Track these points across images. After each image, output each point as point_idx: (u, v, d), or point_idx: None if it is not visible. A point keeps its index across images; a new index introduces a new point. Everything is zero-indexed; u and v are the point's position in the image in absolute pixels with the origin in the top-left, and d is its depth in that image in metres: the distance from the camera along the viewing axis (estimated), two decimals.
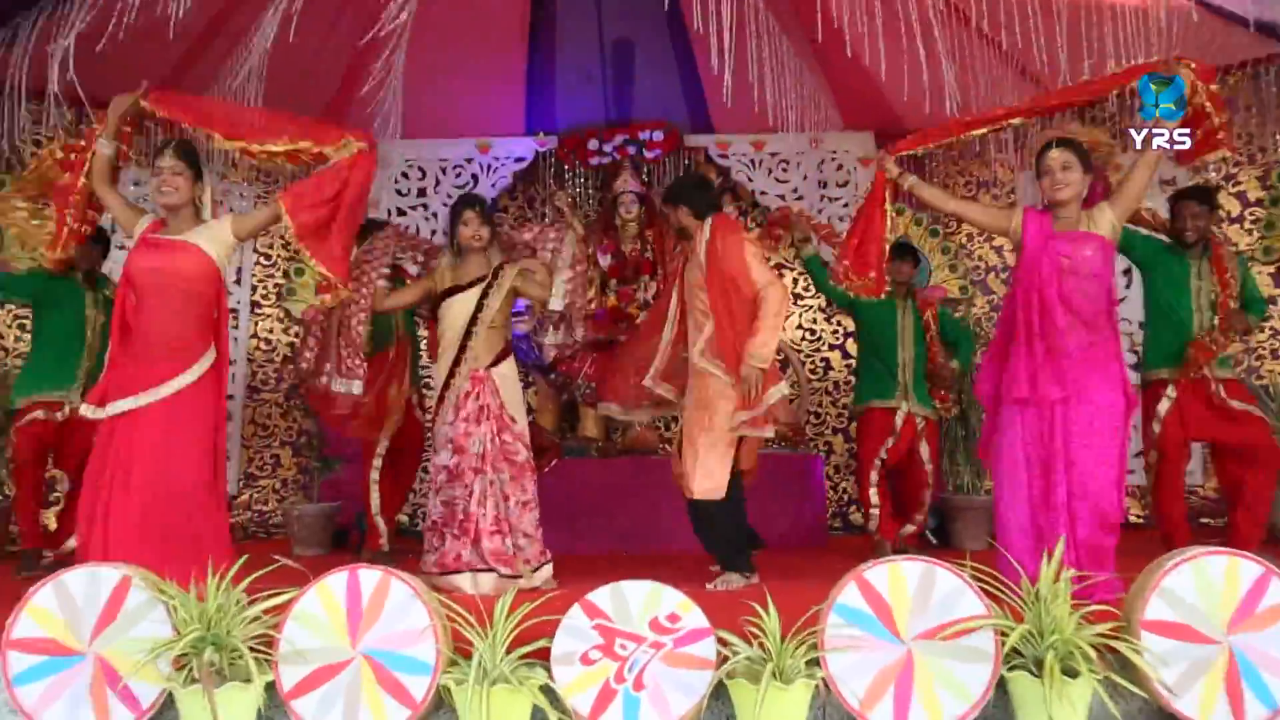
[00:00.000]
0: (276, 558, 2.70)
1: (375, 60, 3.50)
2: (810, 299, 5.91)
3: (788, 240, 4.36)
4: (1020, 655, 2.41)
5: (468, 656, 2.42)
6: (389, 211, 5.72)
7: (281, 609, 2.48)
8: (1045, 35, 3.27)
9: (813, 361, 5.88)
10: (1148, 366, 3.83)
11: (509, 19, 5.21)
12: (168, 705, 2.47)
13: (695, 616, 2.45)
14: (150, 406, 2.90)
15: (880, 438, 4.23)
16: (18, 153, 4.12)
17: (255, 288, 5.76)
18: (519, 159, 5.80)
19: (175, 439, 2.91)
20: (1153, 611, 2.43)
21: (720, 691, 2.44)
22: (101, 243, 4.03)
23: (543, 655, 2.45)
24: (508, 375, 3.55)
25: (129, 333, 2.97)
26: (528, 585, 3.28)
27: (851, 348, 5.70)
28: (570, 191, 5.76)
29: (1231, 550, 2.52)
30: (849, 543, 4.91)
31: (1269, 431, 3.64)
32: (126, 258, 3.03)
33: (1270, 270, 4.78)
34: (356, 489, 4.35)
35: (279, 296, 5.75)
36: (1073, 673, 2.33)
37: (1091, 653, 2.34)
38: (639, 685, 2.40)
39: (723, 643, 2.44)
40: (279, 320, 5.70)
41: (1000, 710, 2.46)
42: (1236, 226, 4.87)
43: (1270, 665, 2.39)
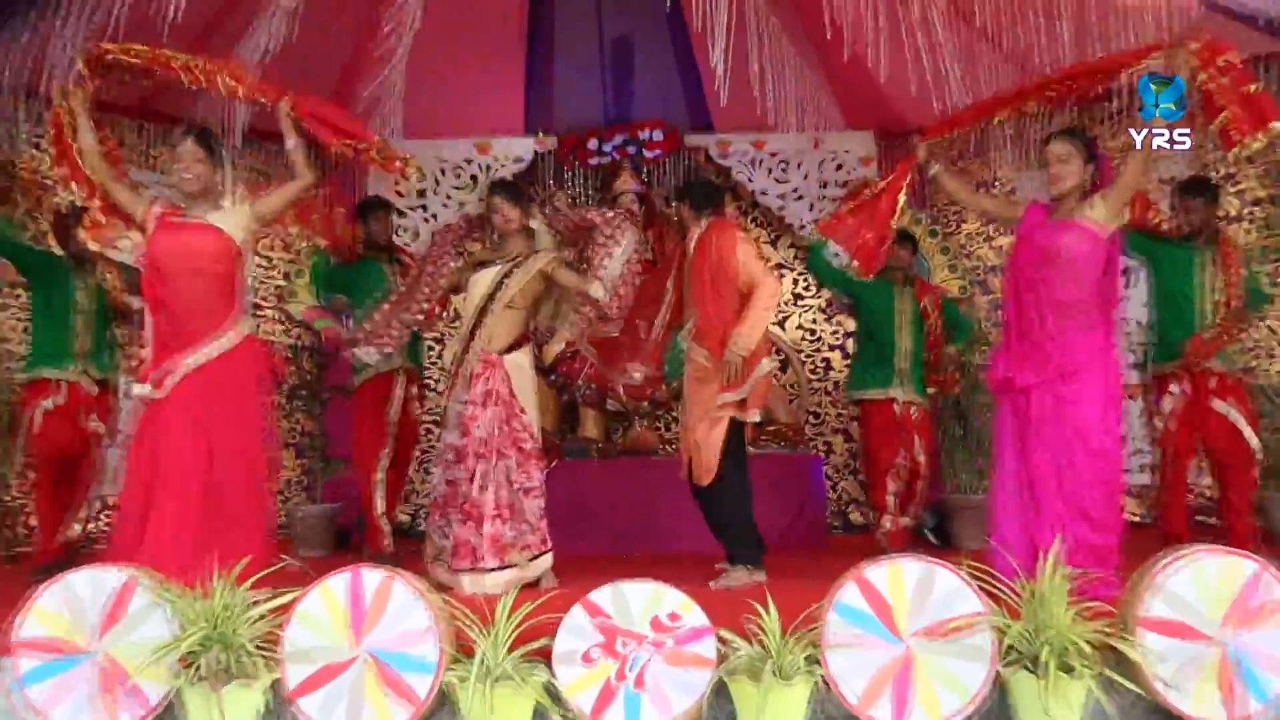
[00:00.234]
0: (282, 557, 2.73)
1: (373, 60, 3.52)
2: (810, 299, 5.92)
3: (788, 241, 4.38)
4: (1018, 653, 2.43)
5: (470, 655, 2.44)
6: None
7: (285, 609, 2.50)
8: (1048, 34, 3.29)
9: (813, 362, 5.89)
10: (1156, 360, 3.81)
11: (508, 18, 5.21)
12: (174, 704, 2.49)
13: (696, 615, 2.47)
14: (186, 380, 2.96)
15: (889, 436, 4.22)
16: (17, 152, 4.12)
17: (256, 289, 5.77)
18: (518, 159, 5.76)
19: (227, 413, 2.98)
20: (1149, 609, 2.45)
21: (721, 690, 2.46)
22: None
23: (544, 654, 2.47)
24: (520, 364, 3.53)
25: (164, 312, 3.03)
26: (525, 576, 3.31)
27: (851, 347, 5.72)
28: (570, 191, 5.78)
29: (1227, 548, 2.55)
30: (849, 542, 4.93)
31: (1239, 436, 3.64)
32: (147, 241, 3.08)
33: (1270, 269, 4.79)
34: (358, 490, 4.38)
35: (279, 299, 5.76)
36: (1070, 670, 2.34)
37: (1088, 650, 2.36)
38: (640, 684, 2.42)
39: (723, 641, 2.46)
40: (279, 322, 5.71)
41: (998, 707, 2.48)
42: (1237, 225, 4.87)
43: (1265, 661, 2.41)
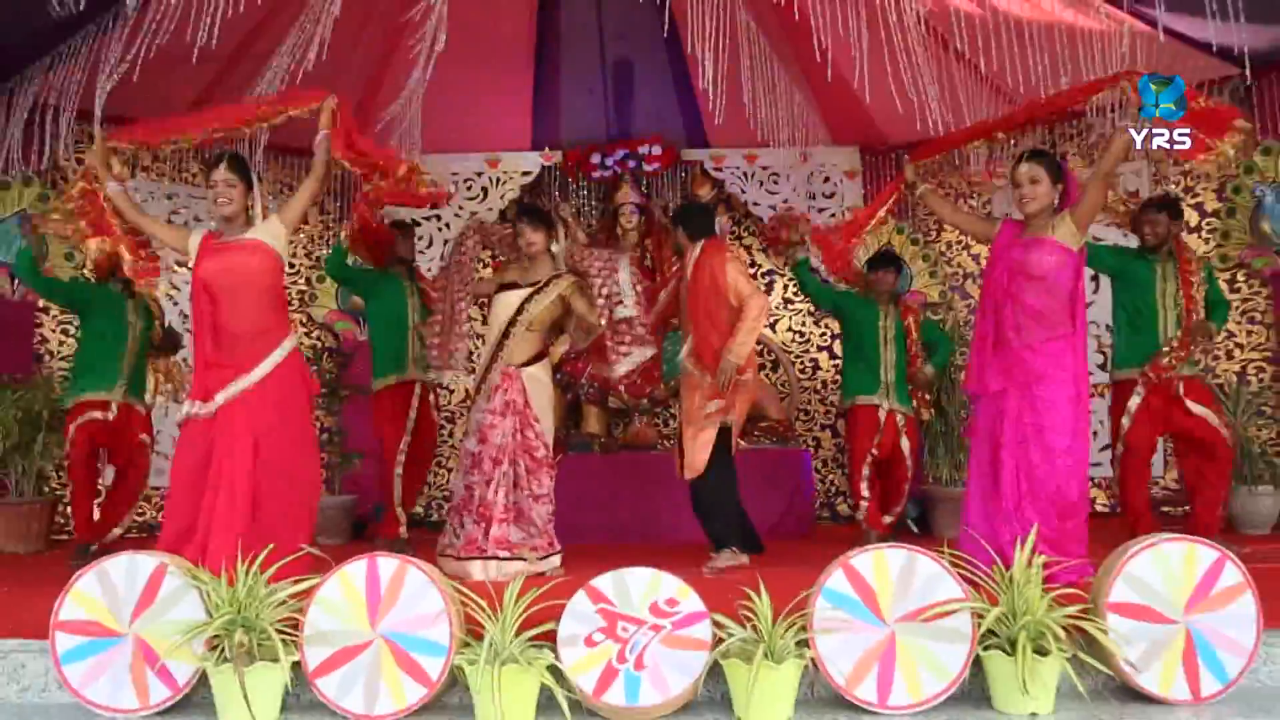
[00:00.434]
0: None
1: (392, 82, 3.67)
2: (800, 303, 6.09)
3: (795, 239, 4.54)
4: (995, 635, 2.55)
5: (479, 638, 2.53)
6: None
7: (306, 594, 2.61)
8: (1019, 58, 3.46)
9: (802, 362, 6.06)
10: (1117, 366, 3.97)
11: (517, 41, 5.40)
12: (201, 683, 2.62)
13: (692, 601, 2.58)
14: (242, 396, 3.05)
15: (869, 435, 4.39)
16: (61, 171, 4.30)
17: None
18: (525, 173, 5.99)
19: (274, 421, 3.07)
20: (1117, 594, 2.57)
21: (715, 671, 2.57)
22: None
23: (549, 637, 2.57)
24: (537, 377, 3.73)
25: (214, 333, 3.10)
26: (532, 570, 3.44)
27: (838, 349, 5.87)
28: (574, 203, 5.96)
29: (1189, 537, 2.69)
30: (836, 531, 5.08)
31: (1218, 429, 3.78)
32: (195, 267, 3.15)
33: (1225, 277, 4.95)
34: (375, 483, 4.52)
35: (302, 302, 5.91)
36: (1043, 651, 2.46)
37: (1061, 633, 2.47)
38: (639, 665, 2.52)
39: (718, 625, 2.57)
40: (302, 324, 5.86)
41: (976, 687, 2.61)
42: (1195, 236, 5.03)
43: (1224, 643, 2.54)
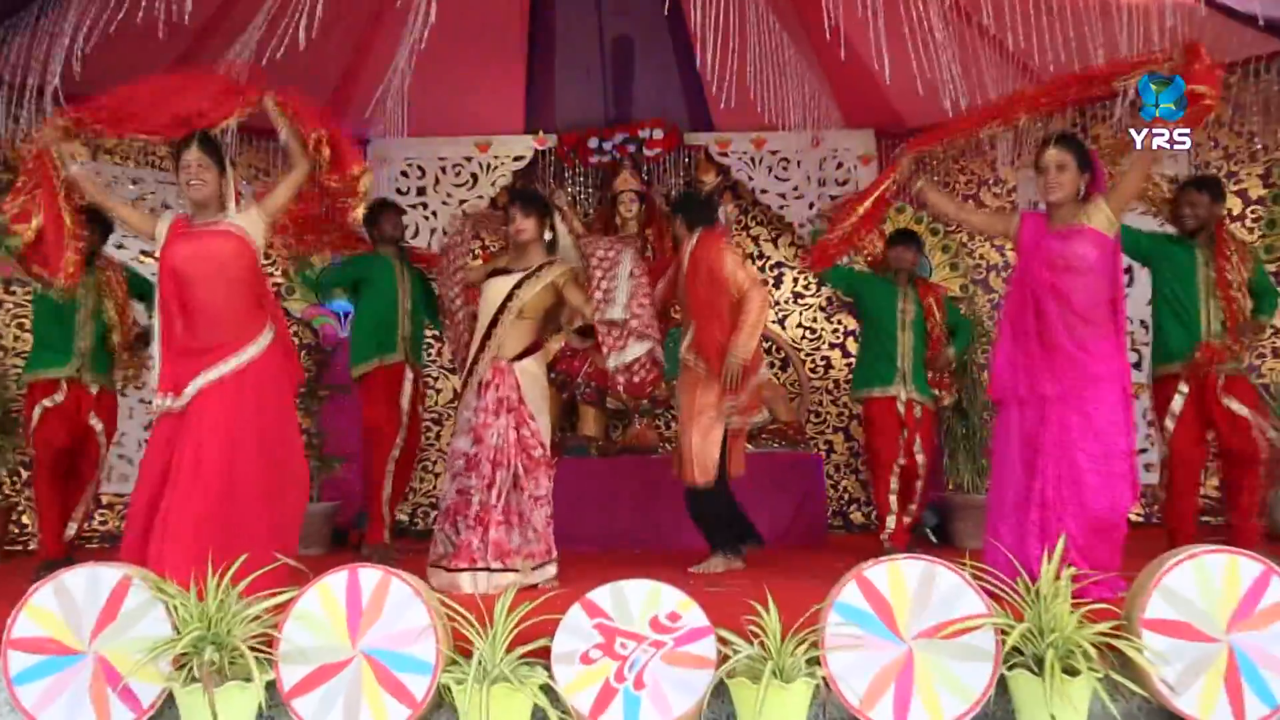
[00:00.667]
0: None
1: (375, 60, 3.50)
2: (810, 298, 5.92)
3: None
4: (1020, 654, 2.41)
5: (468, 655, 2.42)
6: None
7: (282, 608, 2.48)
8: (1048, 33, 3.28)
9: (813, 360, 5.89)
10: (1158, 362, 3.78)
11: (509, 16, 5.21)
12: (168, 704, 2.48)
13: (695, 615, 2.46)
14: (218, 385, 2.93)
15: (892, 435, 4.20)
16: (18, 151, 4.12)
17: None
18: (518, 158, 5.79)
19: (253, 417, 2.95)
20: (1153, 610, 2.43)
21: (720, 690, 2.45)
22: (101, 224, 3.95)
23: (543, 654, 2.45)
24: (530, 371, 3.52)
25: (183, 321, 2.97)
26: (525, 581, 3.27)
27: (851, 346, 5.71)
28: (570, 190, 5.78)
29: (1232, 549, 2.53)
30: (849, 541, 4.94)
31: (1250, 431, 3.60)
32: (162, 253, 3.01)
33: (1273, 269, 4.78)
34: (356, 488, 4.36)
35: (278, 296, 5.74)
36: (1073, 671, 2.33)
37: (1092, 651, 2.34)
38: (639, 684, 2.41)
39: (723, 642, 2.45)
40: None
41: (1000, 709, 2.47)
42: (1238, 225, 4.86)
43: (1270, 663, 2.39)
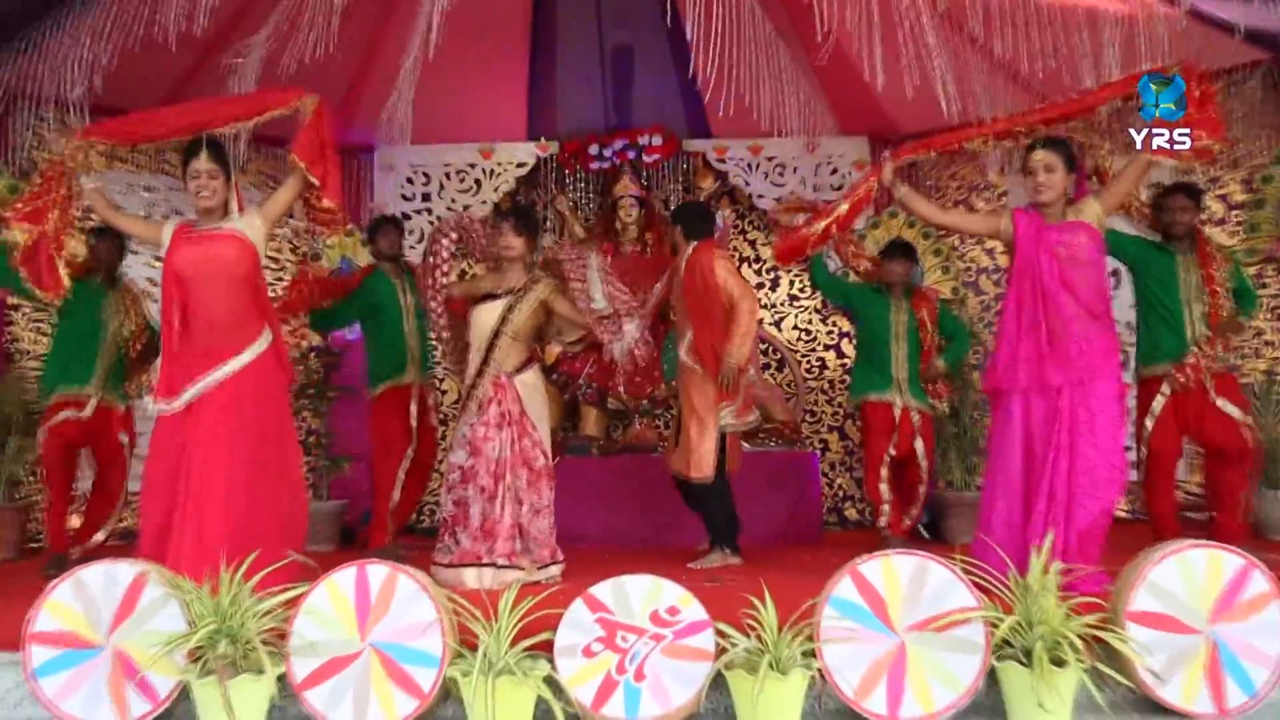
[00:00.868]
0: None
1: (383, 62, 3.54)
2: (806, 300, 5.97)
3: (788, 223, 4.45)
4: (1010, 646, 2.47)
5: (473, 649, 2.47)
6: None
7: (293, 603, 2.53)
8: (1037, 42, 3.34)
9: (808, 361, 5.94)
10: (1142, 364, 3.85)
11: (511, 27, 5.27)
12: (183, 696, 2.54)
13: (694, 609, 2.51)
14: (218, 390, 2.96)
15: (885, 434, 4.26)
16: (34, 161, 4.19)
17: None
18: (521, 164, 5.85)
19: (253, 419, 2.98)
20: (1138, 603, 2.50)
21: (719, 682, 2.49)
22: (118, 241, 4.03)
23: (546, 648, 2.50)
24: (530, 383, 3.62)
25: (185, 326, 3.01)
26: (529, 579, 3.33)
27: (846, 348, 5.76)
28: (571, 196, 5.83)
29: (1214, 544, 2.59)
30: (844, 537, 4.98)
31: (1239, 430, 3.67)
32: (166, 257, 3.05)
33: (1253, 272, 4.83)
34: (364, 488, 4.38)
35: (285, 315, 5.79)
36: (1060, 662, 2.38)
37: (1079, 643, 2.39)
38: (640, 676, 2.46)
39: (721, 635, 2.49)
40: (285, 323, 5.75)
41: (990, 699, 2.52)
42: (1220, 229, 4.92)
43: (1250, 654, 2.46)
